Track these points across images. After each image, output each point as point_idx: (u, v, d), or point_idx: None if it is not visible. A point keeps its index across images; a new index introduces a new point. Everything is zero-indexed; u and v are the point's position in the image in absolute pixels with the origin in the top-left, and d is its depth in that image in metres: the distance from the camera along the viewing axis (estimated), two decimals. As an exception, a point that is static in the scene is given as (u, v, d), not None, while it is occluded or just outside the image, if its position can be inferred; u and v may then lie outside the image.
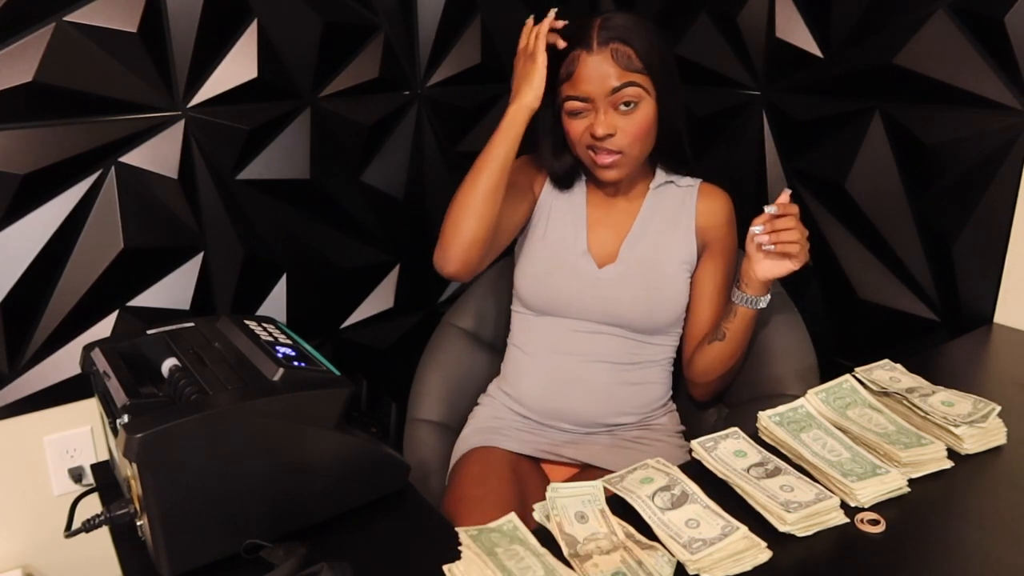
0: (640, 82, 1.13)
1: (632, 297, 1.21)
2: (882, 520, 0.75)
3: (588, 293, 1.22)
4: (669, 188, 1.27)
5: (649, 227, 1.25)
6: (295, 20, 1.35)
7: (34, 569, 1.38)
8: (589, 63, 1.13)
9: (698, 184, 1.28)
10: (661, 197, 1.27)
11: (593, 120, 1.14)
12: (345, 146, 1.47)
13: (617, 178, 1.19)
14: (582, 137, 1.17)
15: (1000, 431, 0.87)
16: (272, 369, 0.87)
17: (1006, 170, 1.13)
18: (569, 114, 1.17)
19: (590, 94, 1.13)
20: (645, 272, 1.22)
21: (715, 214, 1.25)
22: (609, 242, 1.25)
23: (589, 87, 1.13)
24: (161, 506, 0.78)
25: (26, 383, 1.28)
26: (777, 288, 1.30)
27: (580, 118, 1.16)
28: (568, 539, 0.73)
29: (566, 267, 1.24)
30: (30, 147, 1.18)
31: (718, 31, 1.50)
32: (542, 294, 1.25)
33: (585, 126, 1.15)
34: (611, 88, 1.12)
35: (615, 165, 1.17)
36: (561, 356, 1.25)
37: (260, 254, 1.43)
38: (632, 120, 1.14)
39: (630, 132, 1.14)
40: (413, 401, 1.40)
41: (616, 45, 1.12)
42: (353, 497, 0.92)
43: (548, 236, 1.27)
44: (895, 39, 1.22)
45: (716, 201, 1.26)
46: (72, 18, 1.17)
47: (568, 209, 1.28)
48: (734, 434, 0.87)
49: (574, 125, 1.17)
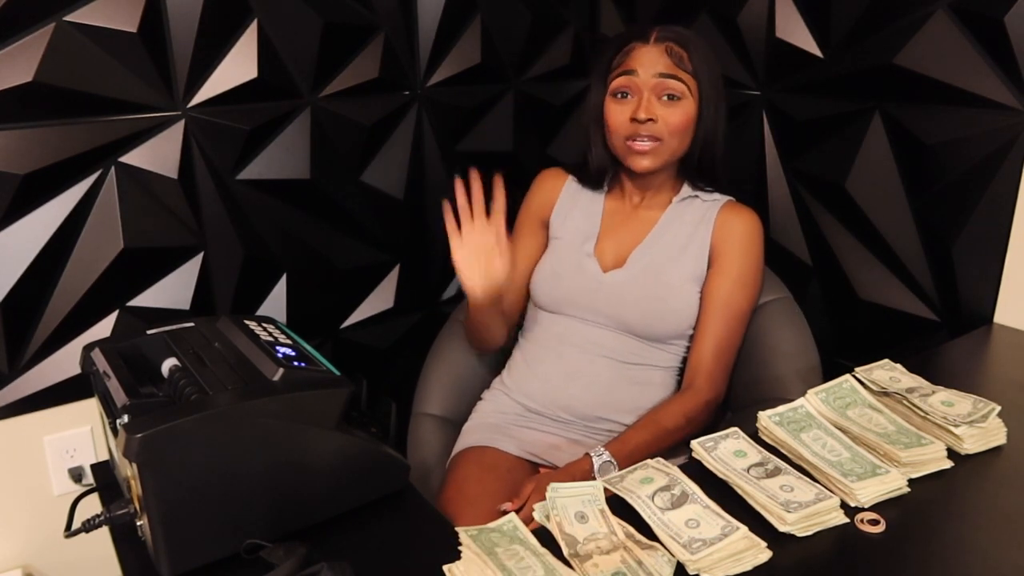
0: (687, 81, 1.17)
1: (636, 304, 1.22)
2: (882, 520, 0.75)
3: (593, 295, 1.24)
4: (694, 202, 1.27)
5: (664, 237, 1.25)
6: (295, 20, 1.35)
7: (34, 569, 1.38)
8: (643, 51, 1.18)
9: (724, 200, 1.27)
10: (683, 210, 1.26)
11: (636, 105, 1.17)
12: (345, 146, 1.47)
13: (650, 167, 1.20)
14: (621, 125, 1.19)
15: (1000, 431, 0.87)
16: (272, 369, 0.87)
17: (1006, 170, 1.13)
18: (613, 94, 1.20)
19: (638, 72, 1.17)
20: (652, 281, 1.22)
21: (730, 229, 1.23)
22: (620, 248, 1.26)
23: (638, 67, 1.17)
24: (161, 506, 0.78)
25: (26, 383, 1.28)
26: (782, 289, 1.31)
27: (623, 102, 1.19)
28: (568, 539, 0.73)
29: (572, 268, 1.27)
30: (30, 147, 1.18)
31: (718, 31, 1.50)
32: (551, 294, 1.28)
33: (626, 113, 1.18)
34: (659, 72, 1.16)
35: (651, 152, 1.18)
36: (566, 348, 1.26)
37: (260, 254, 1.43)
38: (673, 111, 1.17)
39: (671, 122, 1.17)
40: (418, 396, 1.41)
41: (671, 45, 1.18)
42: (353, 497, 0.92)
43: (562, 241, 1.31)
44: (895, 39, 1.22)
45: (736, 217, 1.24)
46: (72, 18, 1.17)
47: (584, 216, 1.31)
48: (734, 434, 0.87)
49: (616, 110, 1.20)
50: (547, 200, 1.35)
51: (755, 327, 1.27)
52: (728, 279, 1.22)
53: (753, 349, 1.26)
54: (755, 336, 1.27)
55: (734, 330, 1.23)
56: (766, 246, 1.26)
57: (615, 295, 1.23)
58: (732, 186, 1.29)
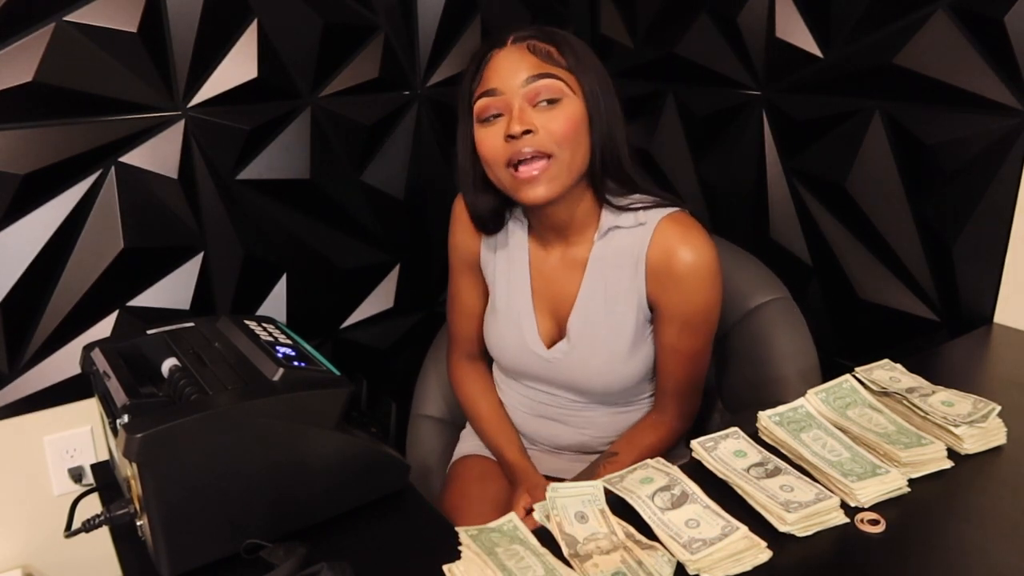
0: (561, 76, 0.97)
1: (587, 377, 1.09)
2: (882, 520, 0.75)
3: (543, 370, 1.12)
4: (616, 235, 1.05)
5: (596, 290, 1.07)
6: (295, 20, 1.35)
7: (34, 569, 1.38)
8: (501, 58, 0.98)
9: (653, 225, 1.02)
10: (608, 249, 1.06)
11: (508, 121, 0.96)
12: (345, 146, 1.47)
13: (548, 195, 0.97)
14: (496, 149, 0.97)
15: (1000, 431, 0.87)
16: (272, 369, 0.87)
17: (1006, 170, 1.13)
18: (479, 121, 0.99)
19: (500, 88, 0.96)
20: (597, 347, 1.07)
21: (666, 274, 1.02)
22: (557, 309, 1.11)
23: (499, 79, 0.97)
24: (161, 506, 0.78)
25: (26, 383, 1.28)
26: (781, 290, 1.30)
27: (491, 126, 0.98)
28: (568, 539, 0.73)
29: (516, 341, 1.13)
30: (30, 147, 1.18)
31: (718, 31, 1.50)
32: (501, 362, 1.19)
33: (498, 135, 0.97)
34: (526, 77, 0.95)
35: (543, 176, 0.96)
36: (536, 405, 1.18)
37: (260, 254, 1.43)
38: (554, 117, 0.95)
39: (554, 130, 0.95)
40: (417, 397, 1.41)
41: (534, 42, 0.98)
42: (353, 497, 0.92)
43: (498, 309, 1.15)
44: (895, 39, 1.22)
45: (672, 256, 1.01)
46: (72, 18, 1.17)
47: (511, 264, 1.14)
48: (734, 434, 0.87)
49: (487, 137, 0.98)
50: (469, 241, 1.18)
51: (755, 327, 1.27)
52: (674, 328, 1.05)
53: (753, 349, 1.26)
54: (755, 336, 1.27)
55: (693, 367, 1.10)
56: (765, 246, 1.25)
57: (564, 369, 1.10)
58: (732, 186, 1.28)
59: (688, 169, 1.61)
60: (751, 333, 1.27)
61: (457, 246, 1.20)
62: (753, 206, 1.49)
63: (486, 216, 1.10)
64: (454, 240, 1.20)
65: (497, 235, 1.15)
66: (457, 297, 1.24)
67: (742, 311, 1.28)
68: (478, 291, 1.22)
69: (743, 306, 1.28)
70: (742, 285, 1.29)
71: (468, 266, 1.20)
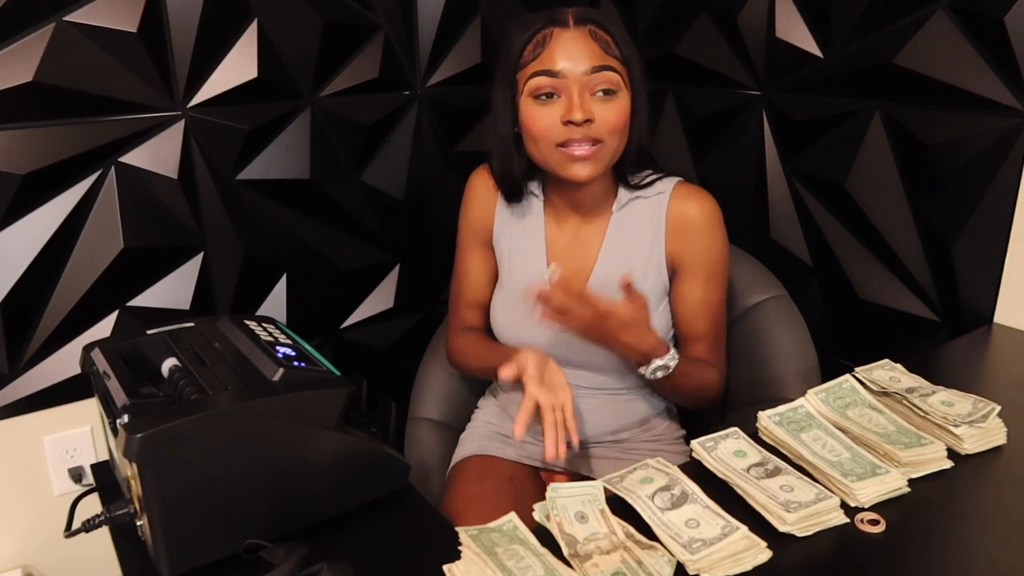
0: (618, 69, 1.01)
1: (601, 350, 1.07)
2: (882, 520, 0.75)
3: (556, 347, 1.12)
4: (636, 205, 1.12)
5: (615, 260, 1.12)
6: (295, 20, 1.35)
7: (34, 569, 1.38)
8: (564, 38, 1.00)
9: (669, 190, 1.11)
10: (627, 219, 1.13)
11: (567, 105, 1.00)
12: (345, 146, 1.47)
13: (591, 175, 1.03)
14: (551, 129, 1.01)
15: (1000, 431, 0.87)
16: (272, 369, 0.87)
17: (1006, 170, 1.13)
18: (535, 97, 1.02)
19: (564, 71, 0.99)
20: None
21: (686, 227, 1.10)
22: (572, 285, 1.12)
23: (564, 63, 0.99)
24: (161, 506, 0.78)
25: (26, 383, 1.28)
26: (778, 287, 1.31)
27: (547, 105, 1.01)
28: (568, 539, 0.73)
29: (528, 318, 1.09)
30: (30, 147, 1.18)
31: (718, 31, 1.50)
32: (511, 341, 1.18)
33: (554, 115, 1.01)
34: (591, 67, 0.99)
35: (592, 158, 1.02)
36: None
37: (260, 254, 1.43)
38: (611, 109, 1.01)
39: (610, 121, 1.01)
40: (414, 400, 1.41)
41: (594, 27, 1.01)
42: (353, 497, 0.92)
43: (510, 276, 1.17)
44: (895, 39, 1.22)
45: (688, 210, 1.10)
46: (72, 18, 1.17)
47: (527, 240, 1.16)
48: (734, 434, 0.87)
49: (540, 115, 1.02)
50: (484, 215, 1.21)
51: (752, 326, 1.27)
52: (699, 281, 1.11)
53: (752, 349, 1.26)
54: (753, 336, 1.27)
55: (721, 320, 1.15)
56: (765, 246, 1.26)
57: (578, 345, 1.08)
58: (732, 186, 1.28)
59: (688, 169, 1.62)
60: (749, 330, 1.27)
61: (473, 221, 1.23)
62: (753, 206, 1.49)
63: (518, 181, 1.13)
64: (470, 215, 1.23)
65: (512, 210, 1.19)
66: (465, 277, 1.26)
67: (740, 309, 1.28)
68: (488, 271, 1.24)
69: (741, 304, 1.28)
70: (740, 283, 1.29)
71: (481, 242, 1.23)
